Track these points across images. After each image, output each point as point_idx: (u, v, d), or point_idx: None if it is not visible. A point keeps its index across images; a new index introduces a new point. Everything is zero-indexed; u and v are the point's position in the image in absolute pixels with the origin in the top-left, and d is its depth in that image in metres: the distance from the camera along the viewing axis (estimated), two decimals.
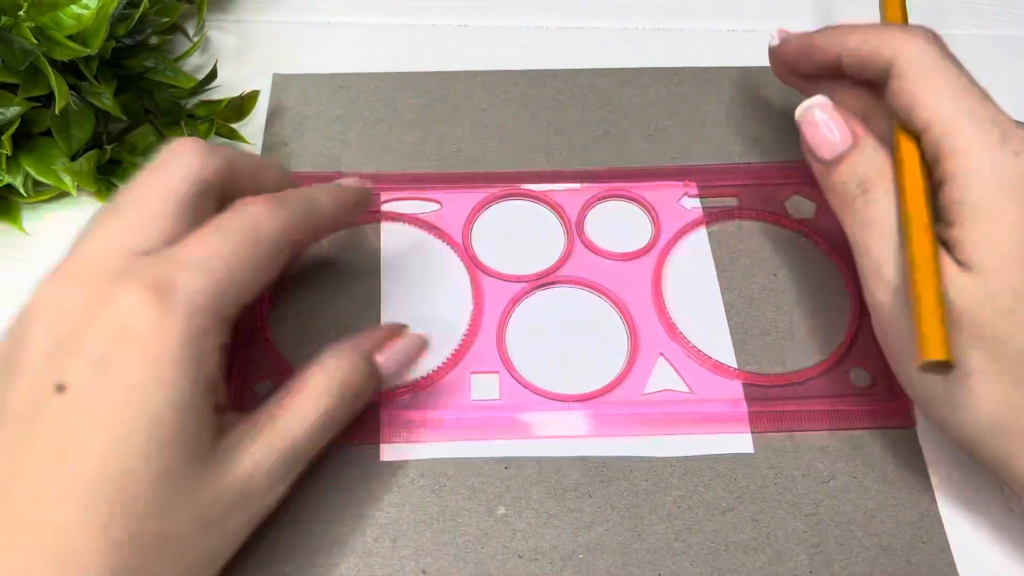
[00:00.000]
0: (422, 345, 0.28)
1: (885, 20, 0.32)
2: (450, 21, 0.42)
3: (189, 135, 0.34)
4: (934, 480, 0.29)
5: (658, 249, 0.34)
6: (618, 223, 0.35)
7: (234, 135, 0.36)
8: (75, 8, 0.31)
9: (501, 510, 0.28)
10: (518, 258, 0.34)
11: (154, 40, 0.37)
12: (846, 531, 0.28)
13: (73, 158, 0.33)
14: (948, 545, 0.28)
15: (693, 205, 0.35)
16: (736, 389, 0.31)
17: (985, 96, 0.26)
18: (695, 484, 0.29)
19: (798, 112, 0.29)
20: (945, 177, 0.25)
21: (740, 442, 0.30)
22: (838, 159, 0.28)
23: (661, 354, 0.31)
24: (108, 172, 0.35)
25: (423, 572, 0.27)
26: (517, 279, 0.33)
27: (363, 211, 0.30)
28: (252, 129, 0.37)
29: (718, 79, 0.40)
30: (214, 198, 0.25)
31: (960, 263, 0.25)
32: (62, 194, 0.35)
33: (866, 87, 0.29)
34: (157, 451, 0.21)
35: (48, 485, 0.20)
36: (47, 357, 0.21)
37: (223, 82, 0.39)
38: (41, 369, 0.21)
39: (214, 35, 0.41)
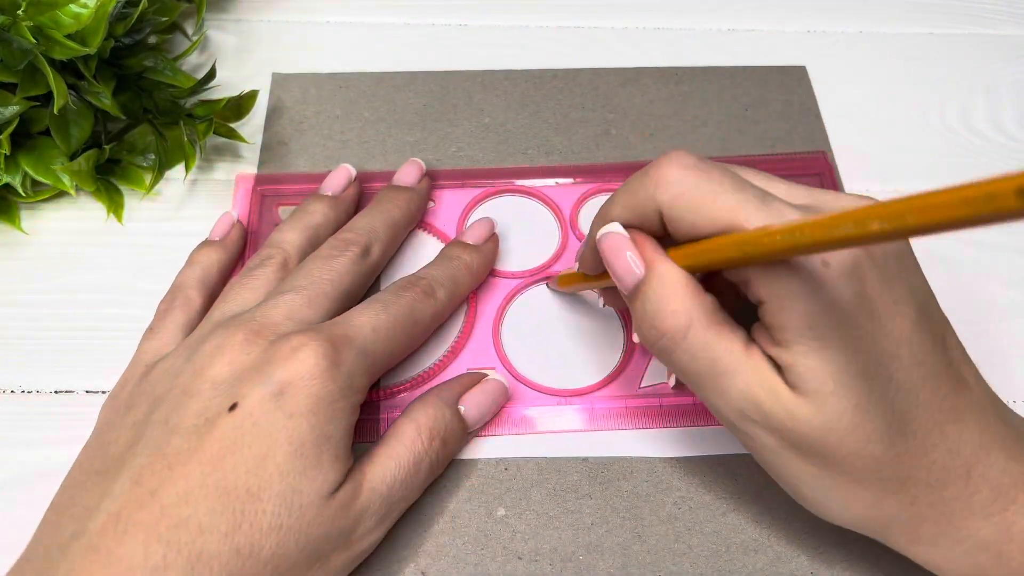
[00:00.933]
0: (503, 390, 0.30)
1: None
2: (450, 21, 0.42)
3: (188, 134, 0.34)
4: None
5: None
6: None
7: (233, 135, 0.36)
8: (74, 7, 0.31)
9: (501, 511, 0.28)
10: (513, 254, 0.34)
11: (153, 39, 0.37)
12: (846, 531, 0.28)
13: (72, 157, 0.33)
14: None
15: None
16: None
17: (762, 192, 0.22)
18: (696, 485, 0.29)
19: (597, 238, 0.25)
20: (759, 299, 0.22)
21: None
22: (632, 293, 0.24)
23: None
24: (107, 171, 0.35)
25: (422, 573, 0.27)
26: (512, 275, 0.33)
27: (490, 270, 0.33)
28: (251, 128, 0.37)
29: (718, 79, 0.40)
30: (369, 283, 0.31)
31: (795, 388, 0.22)
32: (61, 194, 0.35)
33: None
34: (292, 473, 0.23)
35: (195, 487, 0.22)
36: (224, 385, 0.24)
37: (222, 81, 0.39)
38: (216, 393, 0.24)
39: (213, 34, 0.41)
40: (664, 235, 0.24)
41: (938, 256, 0.34)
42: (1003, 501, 0.22)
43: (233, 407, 0.24)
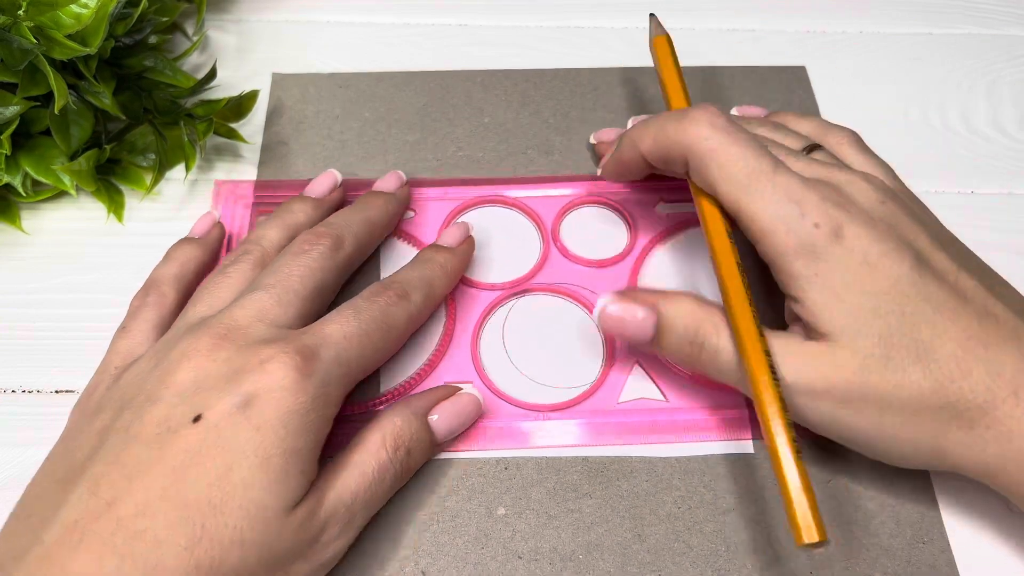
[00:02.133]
0: (476, 405, 0.29)
1: (670, 107, 0.32)
2: (450, 20, 0.42)
3: (188, 134, 0.34)
4: (934, 480, 0.29)
5: (634, 256, 0.34)
6: (594, 229, 0.34)
7: (233, 134, 0.36)
8: (74, 7, 0.31)
9: (501, 510, 0.28)
10: (493, 266, 0.33)
11: (153, 39, 0.37)
12: (846, 531, 0.28)
13: (72, 157, 0.33)
14: (948, 545, 0.28)
15: (669, 211, 0.35)
16: (705, 397, 0.30)
17: (775, 161, 0.27)
18: (695, 484, 0.29)
19: (596, 319, 0.28)
20: (766, 259, 0.27)
21: (740, 442, 0.30)
22: (657, 334, 0.27)
23: (637, 362, 0.31)
24: (107, 171, 0.35)
25: (423, 573, 0.27)
26: (492, 287, 0.33)
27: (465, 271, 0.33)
28: (251, 128, 0.37)
29: (718, 78, 0.40)
30: (343, 278, 0.30)
31: (822, 337, 0.25)
32: (61, 194, 0.35)
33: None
34: (257, 487, 0.23)
35: (154, 499, 0.22)
36: (188, 393, 0.24)
37: (222, 81, 0.39)
38: (180, 402, 0.23)
39: (213, 34, 0.41)
40: (684, 174, 0.29)
41: None
42: None
43: (197, 418, 0.23)
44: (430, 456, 0.28)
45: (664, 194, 0.35)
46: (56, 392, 0.30)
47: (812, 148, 0.30)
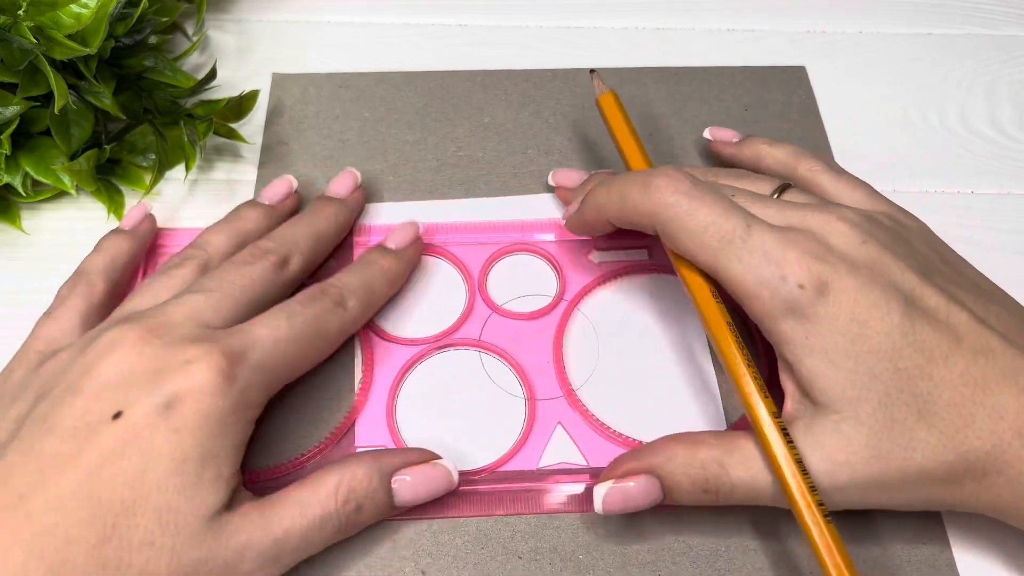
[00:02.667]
0: (448, 482, 0.27)
1: (628, 166, 0.32)
2: (450, 20, 0.42)
3: (188, 134, 0.34)
4: None
5: (562, 308, 0.32)
6: (523, 279, 0.33)
7: (233, 135, 0.36)
8: (74, 7, 0.31)
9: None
10: (415, 318, 0.32)
11: (153, 39, 0.37)
12: (846, 531, 0.28)
13: (72, 157, 0.33)
14: (948, 545, 0.28)
15: (602, 259, 0.33)
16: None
17: (746, 219, 0.26)
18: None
19: (599, 508, 0.26)
20: (754, 319, 0.26)
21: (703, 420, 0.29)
22: (666, 492, 0.26)
23: (559, 423, 0.30)
24: (107, 171, 0.35)
25: (423, 573, 0.27)
26: (412, 342, 0.31)
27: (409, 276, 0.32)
28: (251, 129, 0.37)
29: (718, 79, 0.40)
30: (285, 295, 0.29)
31: (825, 407, 0.25)
32: (61, 194, 0.35)
33: None
34: (171, 489, 0.22)
35: (67, 495, 0.22)
36: (110, 388, 0.23)
37: (222, 81, 0.39)
38: (102, 396, 0.23)
39: (213, 34, 0.41)
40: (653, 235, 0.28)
41: None
42: None
43: (117, 415, 0.23)
44: (383, 518, 0.27)
45: (599, 241, 0.34)
46: None
47: (783, 189, 0.29)
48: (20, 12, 0.31)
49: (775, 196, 0.29)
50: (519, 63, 0.40)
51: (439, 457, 0.27)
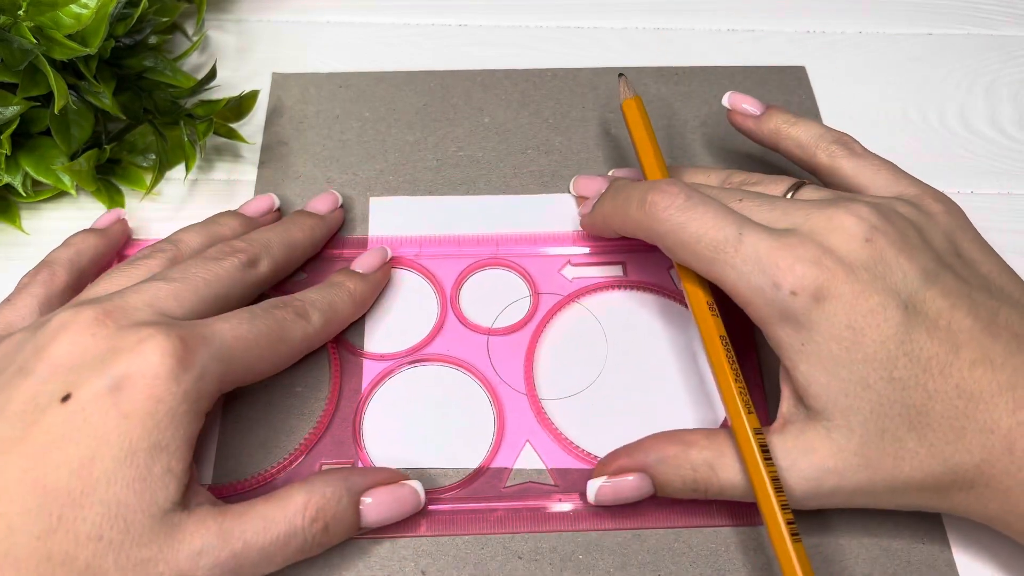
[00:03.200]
0: (416, 502, 0.27)
1: (643, 173, 0.31)
2: (450, 20, 0.42)
3: (188, 134, 0.34)
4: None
5: (534, 323, 0.32)
6: (495, 294, 0.33)
7: (233, 135, 0.36)
8: (74, 7, 0.31)
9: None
10: (385, 333, 0.31)
11: (153, 39, 0.37)
12: (846, 533, 0.28)
13: (72, 158, 0.33)
14: (948, 545, 0.28)
15: (576, 275, 0.33)
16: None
17: (740, 227, 0.25)
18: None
19: (593, 500, 0.27)
20: (756, 324, 0.26)
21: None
22: (658, 488, 0.27)
23: (527, 441, 0.29)
24: (107, 171, 0.35)
25: (422, 573, 0.27)
26: (382, 357, 0.31)
27: (375, 299, 0.32)
28: (251, 128, 0.37)
29: (718, 79, 0.40)
30: (251, 297, 0.29)
31: (817, 415, 0.25)
32: (61, 194, 0.35)
33: None
34: (120, 482, 0.22)
35: (12, 483, 0.21)
36: (61, 369, 0.22)
37: (222, 81, 0.39)
38: (52, 377, 0.22)
39: (213, 34, 0.41)
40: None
41: None
42: None
43: (66, 397, 0.22)
44: (348, 537, 0.26)
45: (573, 257, 0.33)
46: None
47: (797, 187, 0.29)
48: (20, 12, 0.31)
49: (789, 196, 0.28)
50: (519, 63, 0.40)
51: (407, 477, 0.27)
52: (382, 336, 0.31)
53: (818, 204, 0.26)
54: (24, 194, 0.33)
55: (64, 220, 0.34)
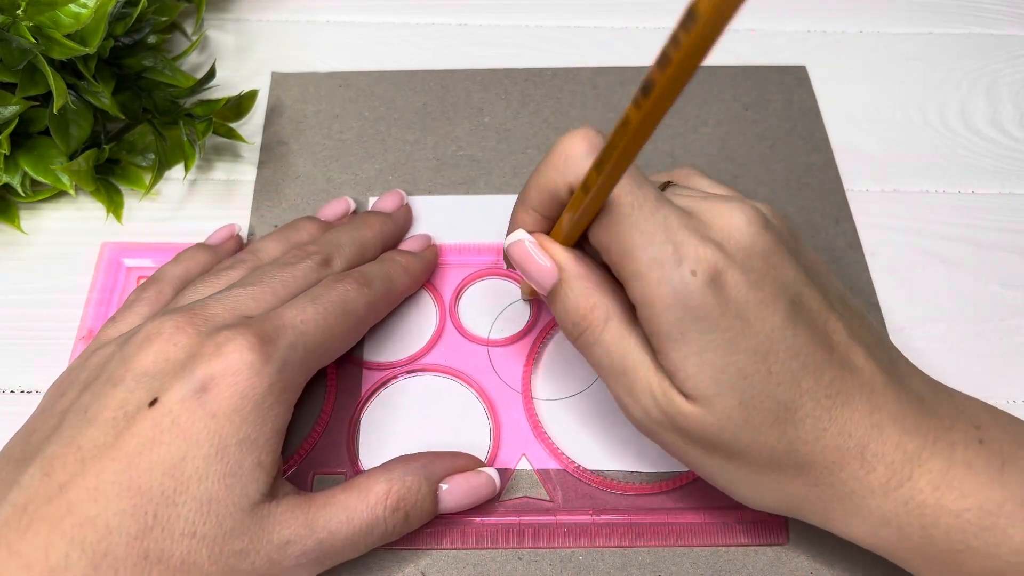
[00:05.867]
0: (491, 489, 0.27)
1: None
2: (449, 20, 0.42)
3: (187, 134, 0.34)
4: None
5: (533, 335, 0.31)
6: (495, 304, 0.32)
7: (233, 134, 0.36)
8: (73, 7, 0.31)
9: (500, 510, 0.28)
10: (383, 343, 0.31)
11: (152, 39, 0.37)
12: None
13: (71, 157, 0.33)
14: None
15: None
16: (594, 498, 0.28)
17: (659, 195, 0.24)
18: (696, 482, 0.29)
19: (504, 247, 0.26)
20: (635, 303, 0.24)
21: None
22: (551, 294, 0.26)
23: (523, 454, 0.29)
24: (106, 171, 0.35)
25: (422, 573, 0.27)
26: (379, 366, 0.31)
27: (429, 276, 0.33)
28: (251, 128, 0.37)
29: (718, 78, 0.40)
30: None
31: (683, 392, 0.23)
32: (60, 193, 0.35)
33: None
34: (211, 478, 0.22)
35: (106, 485, 0.22)
36: (147, 377, 0.23)
37: (222, 81, 0.39)
38: (139, 385, 0.23)
39: (213, 34, 0.41)
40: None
41: (938, 256, 0.35)
42: (898, 478, 0.23)
43: (153, 402, 0.23)
44: (426, 522, 0.26)
45: None
46: None
47: (665, 185, 0.27)
48: (19, 12, 0.30)
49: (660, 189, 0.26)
50: (519, 62, 0.40)
51: (484, 464, 0.28)
52: (380, 345, 0.31)
53: (703, 196, 0.25)
54: (23, 194, 0.33)
55: (63, 220, 0.34)
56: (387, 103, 0.38)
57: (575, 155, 0.24)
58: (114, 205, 0.34)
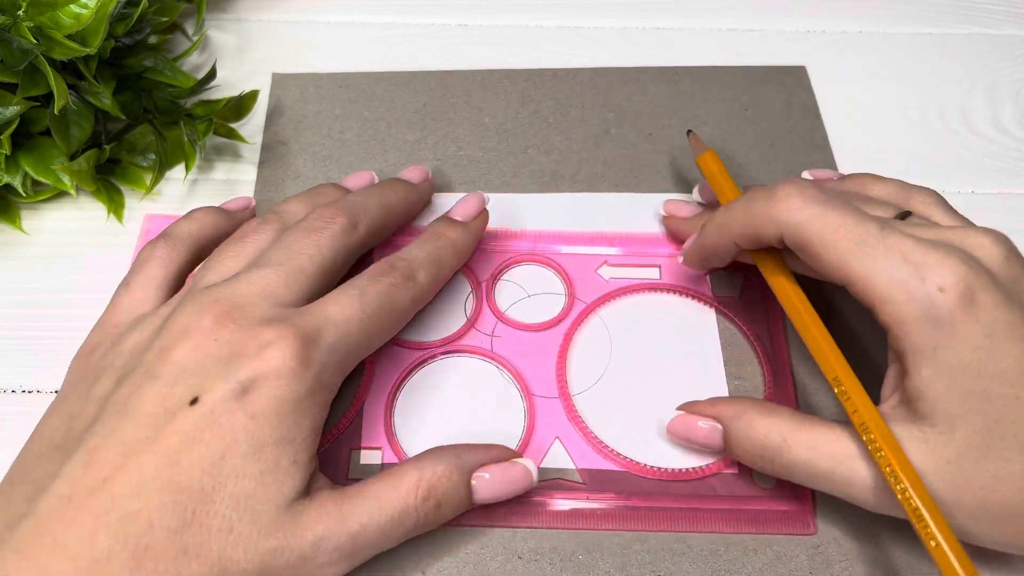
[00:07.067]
0: (528, 479, 0.27)
1: (723, 193, 0.31)
2: (449, 20, 0.42)
3: (187, 134, 0.34)
4: None
5: (568, 321, 0.32)
6: (531, 290, 0.33)
7: (233, 134, 0.36)
8: (74, 7, 0.31)
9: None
10: (421, 323, 0.31)
11: (153, 39, 0.37)
12: (845, 532, 0.28)
13: (72, 158, 0.33)
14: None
15: (612, 275, 0.33)
16: (623, 484, 0.28)
17: (881, 223, 0.25)
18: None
19: (668, 426, 0.29)
20: (883, 326, 0.25)
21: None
22: (726, 446, 0.27)
23: (557, 437, 0.29)
24: (107, 171, 0.35)
25: (422, 572, 0.27)
26: (418, 346, 0.31)
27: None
28: (251, 128, 0.37)
29: (718, 78, 0.40)
30: (353, 259, 0.29)
31: (924, 418, 0.24)
32: (61, 194, 0.35)
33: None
34: (248, 476, 0.23)
35: (148, 480, 0.22)
36: (187, 373, 0.23)
37: (222, 81, 0.39)
38: (178, 381, 0.23)
39: (213, 34, 0.41)
40: (782, 247, 0.27)
41: None
42: None
43: (195, 401, 0.23)
44: (460, 513, 0.26)
45: (610, 257, 0.33)
46: (55, 392, 0.30)
47: (904, 215, 0.27)
48: (20, 12, 0.31)
49: (899, 220, 0.28)
50: (519, 63, 0.40)
51: (520, 455, 0.27)
52: (417, 325, 0.31)
53: (942, 228, 0.26)
54: (24, 194, 0.33)
55: (64, 220, 0.34)
56: (387, 103, 0.38)
57: (792, 208, 0.26)
58: (115, 205, 0.34)
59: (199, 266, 0.28)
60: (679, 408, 0.28)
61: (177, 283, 0.28)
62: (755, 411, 0.26)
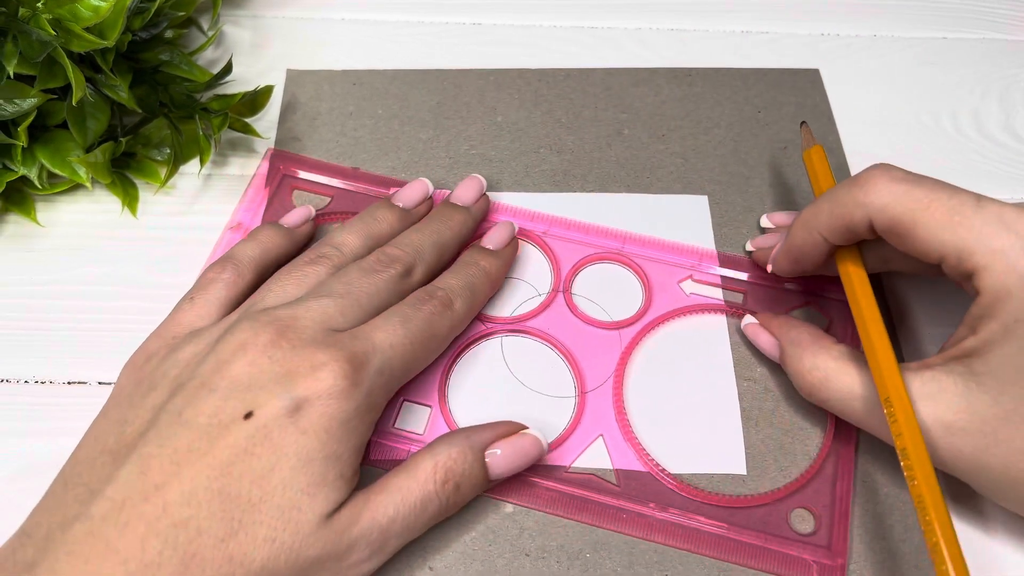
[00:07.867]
0: (539, 449, 0.27)
1: (820, 190, 0.31)
2: (463, 19, 0.42)
3: (202, 129, 0.35)
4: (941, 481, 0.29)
5: (639, 326, 0.32)
6: (609, 288, 0.33)
7: (248, 129, 0.36)
8: (92, 1, 0.31)
9: (508, 507, 0.28)
10: (495, 298, 0.32)
11: (169, 34, 0.37)
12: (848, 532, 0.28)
13: (88, 150, 0.33)
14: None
15: (693, 291, 0.33)
16: (660, 493, 0.28)
17: (975, 194, 0.25)
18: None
19: (742, 326, 0.31)
20: (984, 296, 0.24)
21: (735, 463, 0.29)
22: (782, 359, 0.29)
23: (602, 435, 0.29)
24: (122, 164, 0.35)
25: (430, 569, 0.27)
26: (485, 318, 0.32)
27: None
28: (265, 124, 0.37)
29: (731, 80, 0.40)
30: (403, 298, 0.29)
31: (974, 376, 0.24)
32: (77, 186, 0.35)
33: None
34: (294, 488, 0.23)
35: (199, 489, 0.23)
36: (241, 388, 0.24)
37: (237, 76, 0.39)
38: (233, 395, 0.24)
39: (229, 30, 0.41)
40: (873, 238, 0.27)
41: None
42: None
43: (248, 415, 0.24)
44: (479, 493, 0.27)
45: (696, 272, 0.33)
46: (68, 383, 0.31)
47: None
48: (39, 5, 0.31)
49: None
50: (532, 62, 0.40)
51: (526, 427, 0.28)
52: (493, 301, 0.32)
53: None
54: (40, 186, 0.33)
55: (79, 213, 0.35)
56: (400, 101, 0.38)
57: (879, 189, 0.26)
58: (129, 198, 0.35)
59: (259, 289, 0.29)
60: (752, 318, 0.31)
61: (237, 304, 0.29)
62: (809, 339, 0.28)
